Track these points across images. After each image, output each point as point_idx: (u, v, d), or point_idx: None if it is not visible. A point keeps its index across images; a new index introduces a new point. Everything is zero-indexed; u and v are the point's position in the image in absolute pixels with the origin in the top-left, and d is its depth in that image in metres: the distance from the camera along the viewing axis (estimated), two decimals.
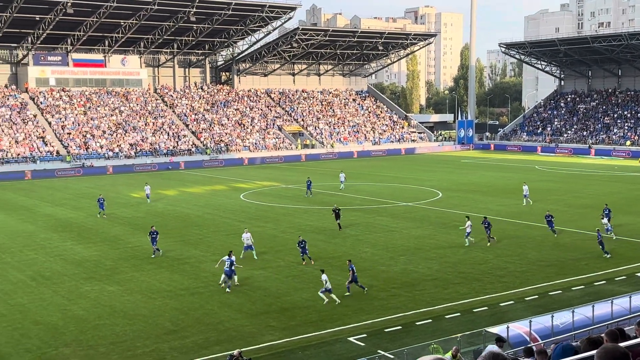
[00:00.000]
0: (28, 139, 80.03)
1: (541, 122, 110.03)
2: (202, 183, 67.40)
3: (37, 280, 30.93)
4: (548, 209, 41.46)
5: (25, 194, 60.53)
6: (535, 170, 76.11)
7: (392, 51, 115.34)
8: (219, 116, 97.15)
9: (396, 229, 41.46)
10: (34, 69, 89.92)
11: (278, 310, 26.30)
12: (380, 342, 22.73)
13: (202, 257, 34.93)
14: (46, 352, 22.27)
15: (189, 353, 22.04)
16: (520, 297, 27.65)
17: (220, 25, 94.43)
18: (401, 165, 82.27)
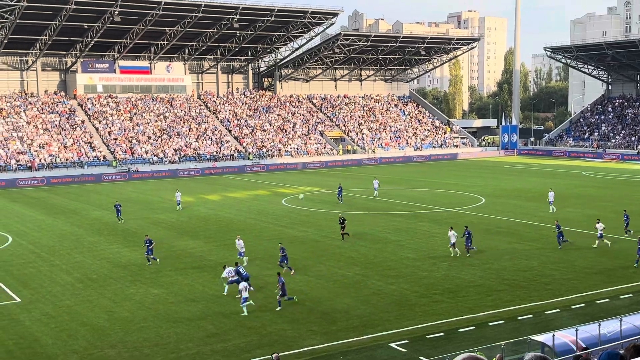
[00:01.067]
0: (76, 145, 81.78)
1: (588, 128, 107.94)
2: (244, 188, 67.90)
3: (84, 282, 31.55)
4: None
5: (74, 197, 61.82)
6: (581, 176, 74.70)
7: (435, 56, 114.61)
8: (261, 122, 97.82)
9: (438, 234, 41.11)
10: (82, 76, 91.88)
11: (319, 315, 26.33)
12: (421, 349, 22.57)
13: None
14: (92, 353, 22.68)
15: (231, 356, 22.22)
16: (567, 305, 27.17)
17: (263, 31, 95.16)
18: (443, 171, 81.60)
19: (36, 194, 64.75)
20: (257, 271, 32.83)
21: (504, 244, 38.04)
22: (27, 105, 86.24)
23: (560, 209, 49.14)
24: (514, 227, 43.01)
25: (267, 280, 31.35)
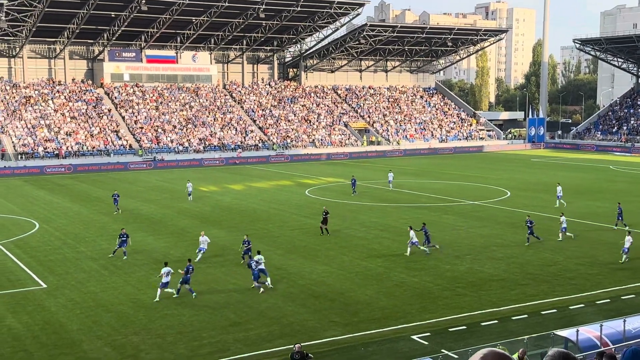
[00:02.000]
0: (103, 133, 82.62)
1: (617, 121, 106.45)
2: (268, 178, 68.11)
3: (109, 269, 31.92)
4: (527, 214, 40.08)
5: (100, 185, 62.49)
6: (609, 170, 73.75)
7: (462, 47, 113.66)
8: (285, 112, 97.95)
9: (462, 227, 40.93)
10: (109, 64, 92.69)
11: (341, 306, 26.37)
12: (444, 342, 22.52)
13: (268, 251, 35.25)
14: (116, 339, 22.97)
15: (252, 345, 22.35)
16: (591, 300, 26.92)
17: (289, 21, 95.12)
18: (469, 164, 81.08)
19: (63, 182, 65.58)
20: (279, 261, 32.98)
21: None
22: (54, 93, 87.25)
23: (587, 203, 48.59)
24: (539, 221, 42.58)
25: (289, 270, 31.48)
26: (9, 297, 27.68)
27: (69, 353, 21.81)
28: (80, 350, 22.06)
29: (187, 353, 21.79)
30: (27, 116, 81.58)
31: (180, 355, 21.62)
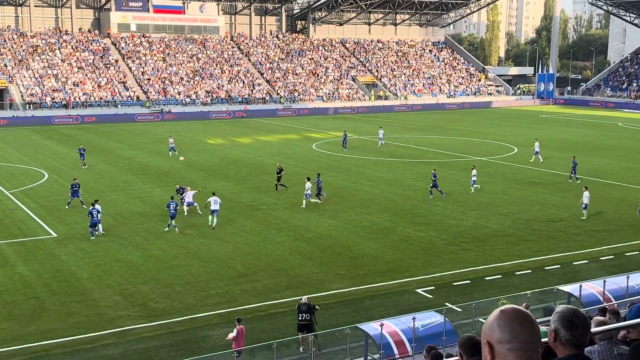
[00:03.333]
0: (110, 84, 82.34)
1: (627, 78, 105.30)
2: (276, 132, 68.02)
3: (118, 220, 32.21)
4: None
5: (107, 136, 62.56)
6: (618, 127, 73.33)
7: (472, 1, 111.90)
8: (293, 65, 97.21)
9: (468, 183, 40.95)
10: (116, 14, 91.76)
11: (347, 259, 26.62)
12: (448, 295, 22.78)
13: (274, 204, 35.50)
14: (126, 288, 23.31)
15: (259, 296, 22.65)
16: (595, 256, 27.11)
17: None
18: (476, 119, 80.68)
19: (71, 132, 65.67)
20: (286, 215, 33.21)
21: (534, 194, 37.80)
22: (61, 42, 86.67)
23: (595, 160, 48.45)
24: (546, 177, 42.63)
25: (295, 224, 31.67)
26: (20, 246, 28.05)
27: (80, 301, 22.17)
28: (90, 298, 22.42)
29: (195, 303, 22.13)
30: (35, 66, 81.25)
31: (188, 305, 21.96)
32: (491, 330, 2.72)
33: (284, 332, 19.44)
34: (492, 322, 2.73)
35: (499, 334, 2.69)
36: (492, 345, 2.70)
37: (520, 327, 2.68)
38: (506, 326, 2.69)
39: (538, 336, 2.70)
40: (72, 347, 19.09)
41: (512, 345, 2.65)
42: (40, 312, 21.30)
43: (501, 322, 2.71)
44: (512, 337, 2.66)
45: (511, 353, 2.65)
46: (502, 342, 2.67)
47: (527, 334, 2.68)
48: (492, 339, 2.70)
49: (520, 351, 2.65)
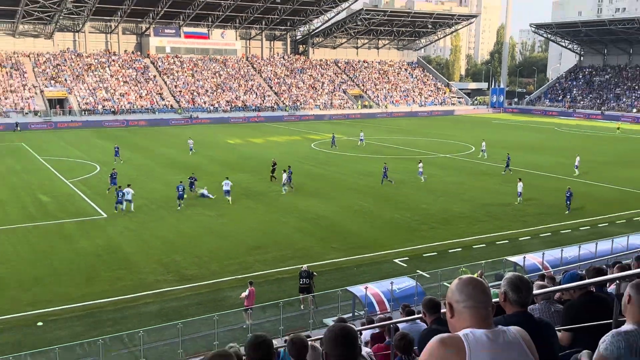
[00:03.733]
0: (149, 95, 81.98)
1: (562, 91, 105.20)
2: (282, 134, 67.88)
3: (156, 204, 32.19)
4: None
5: (147, 137, 62.36)
6: (554, 131, 73.35)
7: (440, 29, 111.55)
8: (296, 80, 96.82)
9: (436, 175, 41.02)
10: (154, 39, 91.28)
11: (339, 236, 26.67)
12: (419, 264, 22.86)
13: (281, 191, 35.47)
14: (163, 258, 23.34)
15: (269, 265, 22.72)
16: (536, 234, 27.22)
17: (300, 6, 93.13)
18: (442, 124, 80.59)
19: (118, 133, 65.44)
20: (291, 200, 33.19)
21: (490, 184, 37.89)
22: (110, 62, 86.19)
23: (535, 157, 48.47)
24: (498, 171, 42.69)
25: (299, 207, 31.64)
26: (78, 224, 28.04)
27: (126, 268, 22.20)
28: (135, 266, 22.45)
29: (218, 270, 22.18)
30: (89, 80, 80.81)
31: (213, 271, 22.01)
32: (451, 293, 2.73)
33: (288, 294, 19.49)
34: (452, 287, 2.75)
35: (457, 295, 2.70)
36: (452, 305, 2.72)
37: (474, 289, 2.68)
38: (462, 289, 2.70)
39: (488, 297, 2.71)
40: (120, 305, 19.13)
41: (467, 304, 2.66)
42: (94, 277, 21.33)
43: (459, 286, 2.72)
44: (467, 297, 2.67)
45: (466, 310, 2.66)
46: (460, 301, 2.68)
47: (479, 295, 2.68)
48: (452, 300, 2.71)
49: (473, 308, 2.65)
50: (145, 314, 18.50)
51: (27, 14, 77.81)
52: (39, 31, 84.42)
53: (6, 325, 17.62)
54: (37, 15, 78.66)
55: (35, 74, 79.21)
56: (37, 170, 41.92)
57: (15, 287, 20.27)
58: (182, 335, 16.01)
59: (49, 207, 31.42)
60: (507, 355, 2.53)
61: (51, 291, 19.98)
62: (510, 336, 2.60)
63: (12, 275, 21.36)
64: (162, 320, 17.62)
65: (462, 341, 2.50)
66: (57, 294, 19.68)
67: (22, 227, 27.45)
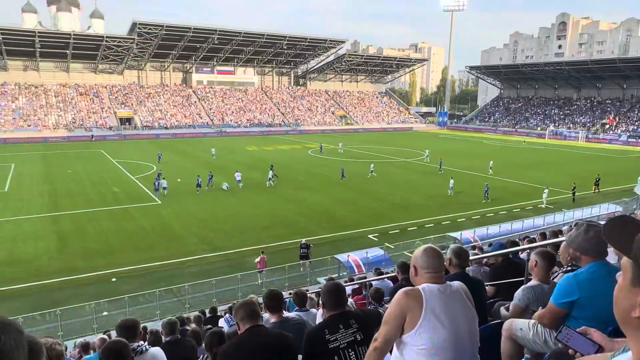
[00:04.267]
0: (191, 115, 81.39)
1: (488, 114, 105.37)
2: (286, 143, 67.58)
3: (195, 195, 31.97)
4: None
5: (190, 145, 61.83)
6: (482, 143, 73.54)
7: (401, 69, 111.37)
8: (297, 104, 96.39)
9: (398, 174, 41.01)
10: (195, 75, 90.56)
11: (329, 218, 26.61)
12: (386, 239, 22.88)
13: (285, 187, 35.34)
14: (200, 233, 23.25)
15: (278, 239, 22.66)
16: (469, 216, 27.28)
17: (301, 51, 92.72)
18: (403, 137, 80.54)
19: (169, 143, 64.94)
20: (293, 193, 33.06)
21: (437, 181, 37.89)
22: (164, 91, 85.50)
23: (468, 161, 48.51)
24: (445, 171, 42.74)
25: (299, 198, 31.48)
26: (140, 209, 27.87)
27: (174, 240, 22.11)
28: (181, 239, 22.36)
29: (240, 242, 22.10)
30: (149, 104, 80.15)
31: (236, 243, 21.92)
32: (416, 259, 2.76)
33: (292, 260, 19.47)
34: (417, 254, 2.77)
35: (420, 261, 2.72)
36: (416, 268, 2.74)
37: (432, 258, 2.71)
38: (424, 257, 2.72)
39: (442, 263, 2.74)
40: (170, 267, 19.07)
41: (427, 269, 2.69)
42: (152, 246, 21.24)
43: (422, 254, 2.74)
44: (427, 264, 2.69)
45: (426, 274, 2.69)
46: (422, 267, 2.71)
47: (435, 262, 2.71)
48: (416, 264, 2.74)
49: (430, 272, 2.69)
50: (189, 273, 18.46)
51: (104, 57, 77.17)
52: (113, 69, 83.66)
53: (90, 281, 17.55)
54: (112, 58, 77.99)
55: (110, 100, 78.49)
56: (111, 170, 41.59)
57: (96, 254, 20.16)
58: (215, 288, 15.99)
59: (119, 196, 31.21)
60: (452, 301, 2.58)
61: (122, 257, 19.88)
62: (454, 288, 2.66)
63: (95, 245, 21.23)
64: (200, 278, 17.59)
65: (420, 292, 2.55)
66: (126, 259, 19.57)
67: (100, 210, 27.27)
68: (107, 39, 71.75)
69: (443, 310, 2.49)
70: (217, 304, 14.51)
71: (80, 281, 17.48)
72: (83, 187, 33.51)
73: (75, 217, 25.66)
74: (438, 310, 2.48)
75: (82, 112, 73.22)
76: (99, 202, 29.19)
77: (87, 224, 24.42)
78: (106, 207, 28.10)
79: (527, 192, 33.81)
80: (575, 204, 30.02)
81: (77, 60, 78.90)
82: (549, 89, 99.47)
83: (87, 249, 20.71)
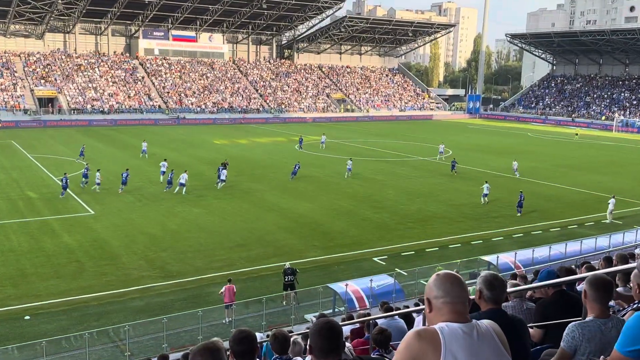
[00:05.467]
0: (137, 95, 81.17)
1: (535, 99, 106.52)
2: (267, 135, 67.67)
3: (142, 201, 31.85)
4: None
5: (135, 136, 61.57)
6: (527, 136, 74.19)
7: (419, 37, 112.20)
8: (281, 84, 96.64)
9: (414, 177, 41.20)
10: (143, 41, 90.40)
11: (320, 234, 26.63)
12: (397, 263, 22.92)
13: (265, 190, 35.38)
14: (148, 254, 23.08)
15: (253, 262, 22.60)
16: (509, 234, 27.45)
17: (285, 12, 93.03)
18: (420, 129, 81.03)
19: (106, 132, 64.69)
20: (275, 199, 33.07)
21: (464, 186, 38.12)
22: (100, 62, 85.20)
23: (508, 161, 48.94)
24: (473, 174, 43.01)
25: (281, 206, 31.48)
26: (65, 220, 27.63)
27: (112, 264, 21.91)
28: (120, 262, 22.17)
29: (203, 266, 22.00)
30: (79, 80, 79.77)
31: (197, 268, 21.82)
32: (429, 289, 2.72)
33: (271, 290, 19.40)
34: (430, 283, 2.74)
35: (435, 291, 2.69)
36: (430, 301, 2.71)
37: (451, 285, 2.68)
38: (440, 285, 2.69)
39: (465, 292, 2.70)
40: (106, 300, 18.87)
41: (445, 299, 2.65)
42: (81, 272, 21.02)
43: (437, 282, 2.71)
44: (444, 293, 2.66)
45: (444, 305, 2.65)
46: (438, 297, 2.67)
47: (456, 290, 2.67)
48: (430, 295, 2.71)
49: (450, 303, 2.65)
50: (131, 309, 18.26)
51: (18, 15, 76.58)
52: (30, 31, 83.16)
53: None
54: (29, 16, 77.49)
55: (25, 74, 77.95)
56: (26, 168, 41.21)
57: (3, 283, 19.88)
58: (167, 329, 15.84)
59: (36, 203, 30.90)
60: (480, 348, 2.53)
61: (39, 287, 19.62)
62: (483, 329, 2.61)
63: (1, 270, 20.96)
64: (147, 315, 17.40)
65: (437, 333, 2.51)
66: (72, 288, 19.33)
67: (9, 223, 26.95)
68: None
69: (467, 358, 2.45)
70: (168, 351, 14.32)
71: None
72: None
73: None
74: (461, 357, 2.44)
75: None
76: (8, 212, 28.88)
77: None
78: (18, 218, 27.81)
79: (587, 202, 34.12)
80: None
81: None
82: (618, 65, 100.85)
83: None
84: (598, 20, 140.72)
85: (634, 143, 68.56)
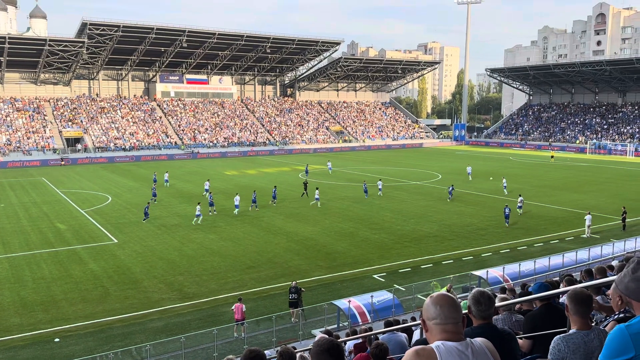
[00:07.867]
0: (155, 133, 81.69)
1: (515, 126, 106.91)
2: (273, 165, 67.84)
3: (161, 229, 31.77)
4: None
5: (154, 170, 61.76)
6: (509, 160, 74.26)
7: (408, 74, 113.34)
8: (284, 119, 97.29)
9: (408, 200, 41.13)
10: (160, 85, 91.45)
11: (324, 254, 26.48)
12: (395, 279, 22.73)
13: (273, 216, 35.30)
14: (167, 278, 22.92)
15: (263, 282, 22.41)
16: (497, 250, 27.26)
17: (287, 55, 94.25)
18: (412, 155, 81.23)
19: (127, 168, 64.93)
20: (282, 224, 32.97)
21: (454, 207, 38.02)
22: (121, 105, 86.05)
23: (494, 183, 48.88)
24: (461, 195, 42.92)
25: (288, 230, 31.38)
26: (91, 249, 27.54)
27: (134, 288, 21.75)
28: (141, 286, 22.01)
29: (217, 288, 21.81)
30: (102, 121, 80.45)
31: (212, 289, 21.63)
32: (425, 311, 2.69)
33: (280, 308, 19.19)
34: (425, 305, 2.70)
35: (429, 313, 2.66)
36: (425, 322, 2.67)
37: (441, 308, 2.63)
38: (432, 307, 2.65)
39: (456, 313, 2.64)
40: (129, 322, 18.67)
41: (436, 321, 2.62)
42: (106, 296, 20.85)
43: (429, 305, 2.68)
44: (435, 315, 2.62)
45: (436, 327, 2.62)
46: (430, 319, 2.64)
47: (446, 312, 2.62)
48: (425, 317, 2.67)
49: (441, 325, 2.60)
50: (152, 330, 18.04)
51: (47, 65, 77.74)
52: (58, 79, 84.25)
53: (27, 342, 17.07)
54: (57, 65, 78.61)
55: (54, 117, 78.70)
56: (55, 202, 41.28)
57: (35, 308, 19.70)
58: (185, 347, 15.62)
59: (65, 234, 30.84)
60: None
61: (68, 311, 19.42)
62: (477, 347, 2.57)
63: (33, 296, 20.79)
64: (166, 334, 17.18)
65: (434, 352, 2.47)
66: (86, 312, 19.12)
67: (40, 253, 26.86)
68: (50, 42, 72.43)
69: None
70: None
71: (13, 343, 16.99)
72: (19, 224, 33.16)
73: (9, 262, 25.25)
74: None
75: (19, 132, 73.20)
76: (39, 243, 28.81)
77: (23, 270, 24.00)
78: (48, 248, 27.72)
79: (567, 219, 33.94)
80: (626, 232, 30.09)
81: (13, 69, 79.48)
82: (588, 94, 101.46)
83: (24, 301, 20.27)
84: (569, 54, 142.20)
85: (606, 164, 68.57)
